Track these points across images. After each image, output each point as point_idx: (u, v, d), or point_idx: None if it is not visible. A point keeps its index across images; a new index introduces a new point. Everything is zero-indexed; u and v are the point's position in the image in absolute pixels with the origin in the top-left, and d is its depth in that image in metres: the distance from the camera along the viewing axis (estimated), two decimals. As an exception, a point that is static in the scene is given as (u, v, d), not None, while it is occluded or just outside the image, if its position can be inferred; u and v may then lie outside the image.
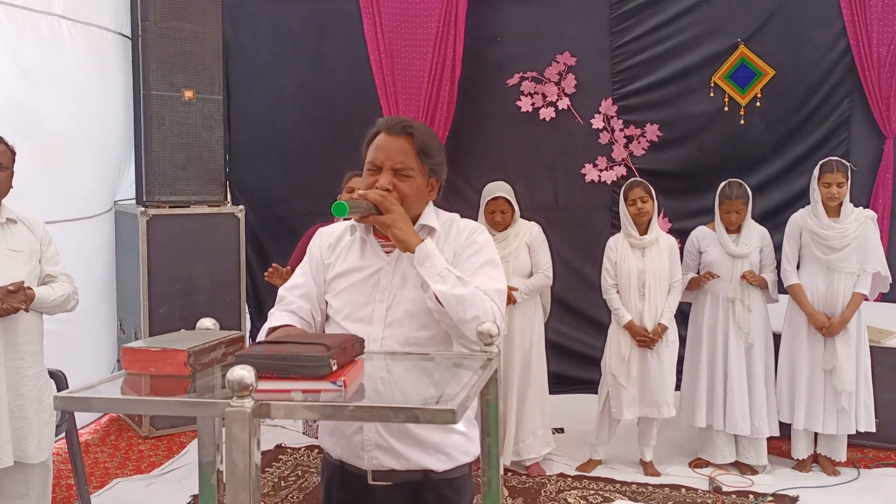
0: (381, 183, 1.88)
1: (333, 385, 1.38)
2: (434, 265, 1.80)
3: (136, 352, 1.51)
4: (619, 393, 4.30)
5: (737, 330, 4.27)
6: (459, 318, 1.78)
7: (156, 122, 4.80)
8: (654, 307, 4.26)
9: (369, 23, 5.58)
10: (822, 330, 4.17)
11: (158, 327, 4.78)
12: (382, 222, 1.82)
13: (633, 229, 4.32)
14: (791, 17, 5.28)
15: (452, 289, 1.79)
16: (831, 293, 4.19)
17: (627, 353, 4.28)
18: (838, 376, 4.14)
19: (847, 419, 4.18)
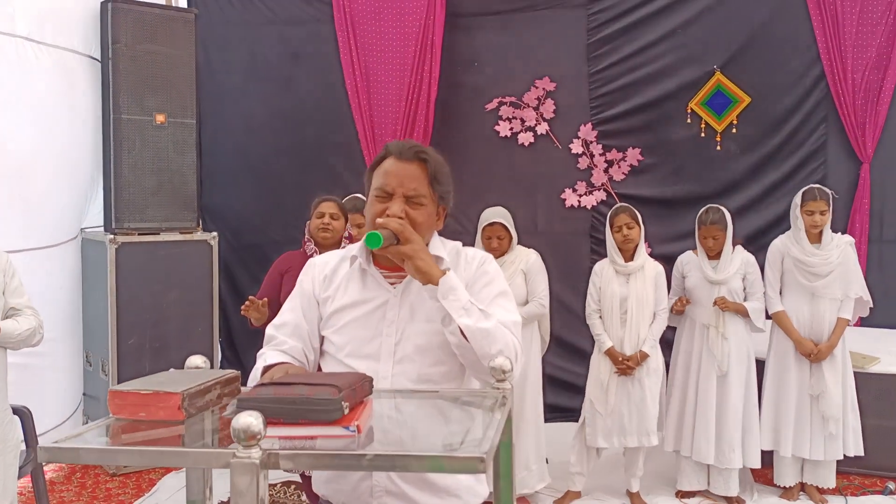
0: (394, 210, 1.78)
1: (346, 430, 1.27)
2: (458, 298, 1.71)
3: (125, 395, 1.38)
4: (594, 420, 4.23)
5: (710, 358, 4.21)
6: (484, 353, 1.69)
7: (126, 147, 4.66)
8: (636, 334, 4.19)
9: (345, 46, 5.51)
10: (809, 356, 4.14)
11: (127, 359, 4.62)
12: (404, 253, 1.71)
13: (618, 255, 4.26)
14: (766, 43, 5.32)
15: (478, 322, 1.70)
16: (817, 319, 4.17)
17: (606, 381, 4.20)
18: (826, 402, 4.11)
19: (835, 445, 4.15)
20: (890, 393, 4.48)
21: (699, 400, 4.21)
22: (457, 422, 1.54)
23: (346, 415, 1.29)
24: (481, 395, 1.63)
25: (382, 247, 1.70)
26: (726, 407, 4.18)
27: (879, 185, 5.24)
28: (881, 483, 4.44)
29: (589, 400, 4.28)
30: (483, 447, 1.21)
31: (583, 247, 5.58)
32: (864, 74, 5.13)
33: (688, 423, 4.25)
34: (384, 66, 5.52)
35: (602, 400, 4.21)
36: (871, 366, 4.49)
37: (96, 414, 4.90)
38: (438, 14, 5.43)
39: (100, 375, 4.74)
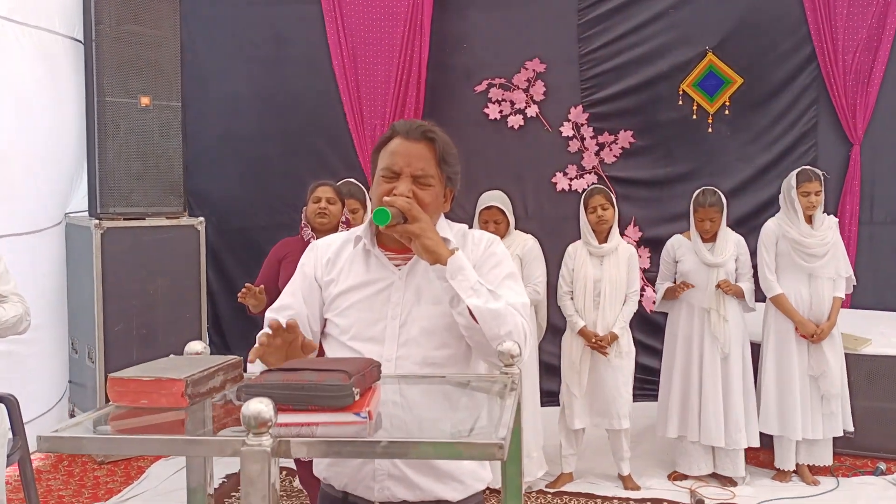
0: (402, 190, 1.73)
1: (357, 417, 1.22)
2: (467, 278, 1.66)
3: (125, 382, 1.33)
4: (571, 402, 4.24)
5: (712, 340, 4.21)
6: (493, 335, 1.64)
7: (110, 130, 4.57)
8: (609, 316, 4.19)
9: (332, 28, 5.42)
10: (811, 337, 4.15)
11: (114, 346, 4.55)
12: (411, 231, 1.66)
13: (591, 237, 4.25)
14: (758, 25, 5.29)
15: (487, 303, 1.65)
16: (816, 300, 4.19)
17: (578, 361, 4.20)
18: (829, 381, 4.15)
19: (834, 423, 4.20)
20: (881, 374, 4.50)
21: (704, 383, 4.21)
22: (466, 407, 1.50)
23: (357, 401, 1.25)
24: (489, 381, 1.59)
25: (389, 225, 1.66)
26: (730, 388, 4.21)
27: (870, 166, 5.25)
28: (872, 464, 4.47)
29: (564, 382, 4.28)
30: (500, 433, 1.17)
31: (573, 231, 5.46)
32: (855, 56, 5.12)
33: (693, 408, 4.23)
34: (372, 47, 5.44)
35: (576, 381, 4.22)
36: (863, 347, 4.51)
37: (82, 401, 4.83)
38: (427, -6, 5.36)
39: (86, 363, 4.67)
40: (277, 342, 1.63)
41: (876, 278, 5.21)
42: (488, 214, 4.12)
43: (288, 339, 1.63)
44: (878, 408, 4.50)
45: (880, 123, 5.21)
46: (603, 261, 4.23)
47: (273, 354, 1.64)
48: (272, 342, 1.62)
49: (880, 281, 5.25)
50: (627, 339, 4.25)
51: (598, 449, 4.50)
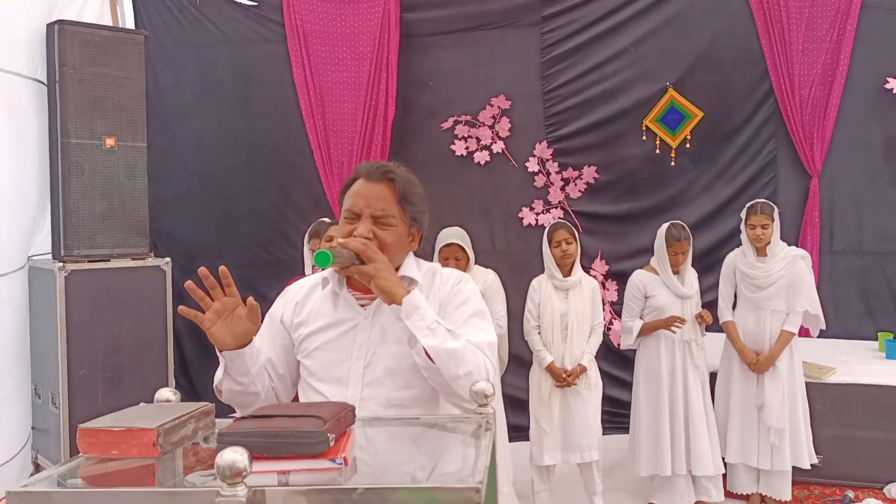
0: (361, 231, 1.75)
1: (333, 463, 1.23)
2: (423, 317, 1.66)
3: (96, 432, 1.32)
4: (540, 437, 4.24)
5: (695, 371, 4.28)
6: (452, 375, 1.65)
7: (75, 172, 4.51)
8: (576, 349, 4.23)
9: (298, 66, 5.45)
10: (750, 366, 4.23)
11: (78, 391, 4.45)
12: (365, 272, 1.68)
13: (556, 271, 4.30)
14: (716, 60, 5.41)
15: (444, 343, 1.65)
16: (759, 330, 4.26)
17: (548, 396, 4.21)
18: (767, 413, 4.20)
19: (781, 456, 4.20)
20: (846, 403, 4.55)
21: (692, 415, 4.24)
22: (440, 449, 1.50)
23: (332, 447, 1.25)
24: (462, 421, 1.59)
25: (344, 266, 1.68)
26: (708, 416, 4.29)
27: (828, 198, 5.37)
28: (840, 492, 4.50)
29: (534, 418, 4.28)
30: (476, 476, 1.18)
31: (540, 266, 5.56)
32: (811, 90, 5.26)
33: (680, 441, 4.25)
34: (339, 85, 5.47)
35: (546, 416, 4.22)
36: (827, 376, 4.57)
37: (46, 448, 4.72)
38: (393, 33, 5.41)
39: (50, 408, 4.57)
40: (215, 305, 1.67)
41: (837, 308, 5.31)
42: (448, 252, 4.14)
43: (226, 301, 1.67)
44: (845, 436, 4.55)
45: (837, 155, 5.33)
46: (568, 294, 4.27)
47: (213, 321, 1.67)
48: (206, 300, 1.66)
49: (842, 310, 5.35)
50: (595, 370, 4.29)
51: (570, 483, 4.49)
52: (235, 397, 1.77)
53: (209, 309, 1.68)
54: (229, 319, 1.69)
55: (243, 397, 1.76)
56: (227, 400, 1.79)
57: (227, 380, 1.74)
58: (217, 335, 1.67)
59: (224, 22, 5.61)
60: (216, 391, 1.81)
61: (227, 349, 1.70)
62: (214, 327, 1.68)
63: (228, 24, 5.62)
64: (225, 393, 1.78)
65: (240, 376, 1.73)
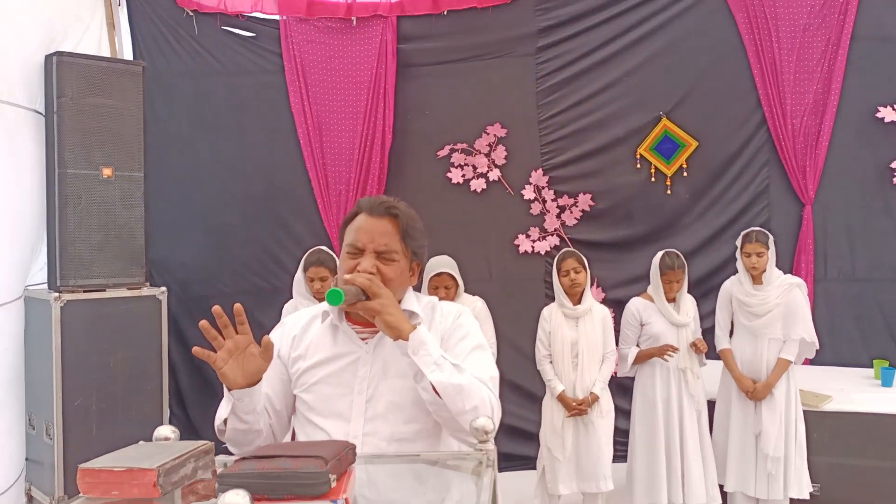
0: (365, 266, 1.76)
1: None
2: (429, 353, 1.67)
3: (97, 473, 1.31)
4: (554, 467, 4.22)
5: (690, 400, 4.27)
6: (458, 410, 1.65)
7: (72, 202, 4.52)
8: (587, 377, 4.22)
9: (296, 96, 5.50)
10: (747, 394, 4.23)
11: (73, 422, 4.43)
12: (371, 308, 1.68)
13: (566, 300, 4.30)
14: (709, 90, 5.46)
15: (450, 378, 1.66)
16: (756, 358, 4.27)
17: (560, 425, 4.20)
18: (764, 441, 4.20)
19: (776, 485, 4.20)
20: (843, 430, 4.55)
21: (685, 443, 4.23)
22: (443, 486, 1.50)
23: (333, 487, 1.25)
24: (464, 458, 1.59)
25: (350, 303, 1.67)
26: (703, 446, 4.27)
27: (822, 225, 5.40)
28: (838, 521, 4.49)
29: (546, 447, 4.26)
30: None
31: (537, 292, 5.59)
32: (803, 119, 5.31)
33: (676, 470, 4.24)
34: (336, 115, 5.51)
35: (559, 446, 4.20)
36: (824, 404, 4.57)
37: (40, 480, 4.68)
38: (390, 63, 5.46)
39: (44, 439, 4.54)
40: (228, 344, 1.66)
41: (832, 335, 5.32)
42: (438, 280, 4.15)
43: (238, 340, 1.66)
44: (842, 464, 4.54)
45: (830, 183, 5.37)
46: (578, 322, 4.27)
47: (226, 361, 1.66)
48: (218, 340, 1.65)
49: (837, 337, 5.36)
50: (607, 398, 4.28)
51: (570, 513, 4.47)
52: (238, 436, 1.75)
53: (221, 348, 1.67)
54: (241, 358, 1.68)
55: (246, 436, 1.75)
56: (229, 439, 1.77)
57: (232, 419, 1.72)
58: (228, 374, 1.66)
59: (221, 52, 5.65)
60: (217, 431, 1.79)
61: (236, 388, 1.68)
62: (226, 367, 1.67)
63: (226, 55, 5.66)
64: (228, 432, 1.75)
65: (245, 415, 1.71)
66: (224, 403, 1.77)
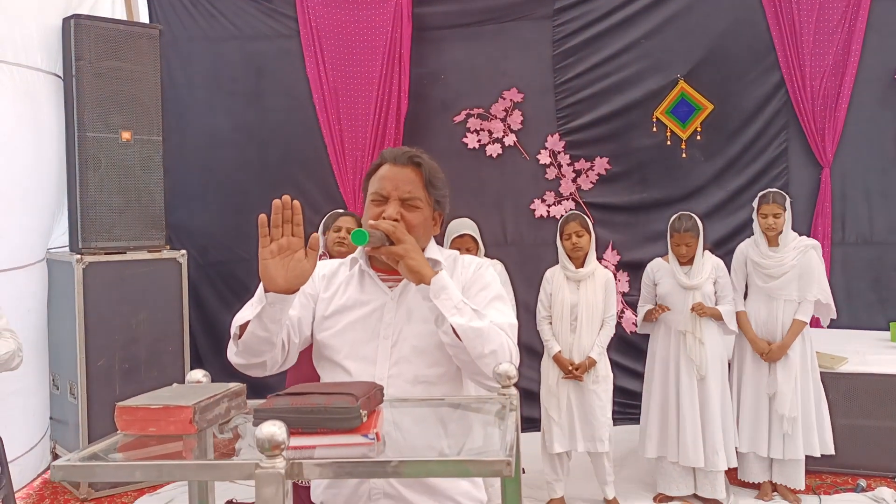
0: (389, 213, 1.79)
1: (365, 438, 1.26)
2: (450, 297, 1.70)
3: (134, 410, 1.35)
4: (550, 426, 4.26)
5: (688, 362, 4.26)
6: (477, 353, 1.68)
7: (91, 165, 4.57)
8: (585, 341, 4.22)
9: (311, 61, 5.50)
10: (762, 355, 4.24)
11: (97, 381, 4.52)
12: (395, 253, 1.71)
13: (568, 262, 4.30)
14: (727, 52, 5.43)
15: (470, 321, 1.69)
16: (771, 320, 4.27)
17: (556, 385, 4.23)
18: (780, 401, 4.21)
19: (793, 444, 4.22)
20: (858, 392, 4.57)
21: (681, 405, 4.24)
22: (467, 428, 1.53)
23: (364, 423, 1.28)
24: (486, 402, 1.63)
25: (374, 247, 1.71)
26: (708, 410, 4.22)
27: (840, 188, 5.38)
28: (853, 481, 4.52)
29: (544, 407, 4.31)
30: (507, 450, 1.21)
31: (552, 257, 5.56)
32: (822, 81, 5.27)
33: (671, 429, 4.27)
34: (352, 80, 5.52)
35: (554, 405, 4.24)
36: (840, 366, 4.58)
37: (64, 438, 4.78)
38: (406, 27, 5.45)
39: (68, 399, 4.63)
40: (281, 241, 1.64)
41: (849, 298, 5.32)
42: (460, 242, 4.16)
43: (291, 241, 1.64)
44: (857, 425, 4.57)
45: (849, 146, 5.35)
46: (580, 285, 4.28)
47: (274, 254, 1.64)
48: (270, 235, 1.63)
49: (853, 300, 5.36)
50: (605, 363, 4.27)
51: (583, 473, 4.52)
52: (253, 344, 1.71)
53: (272, 241, 1.64)
54: (287, 260, 1.64)
55: (260, 346, 1.72)
56: (243, 344, 1.72)
57: (255, 323, 1.68)
58: (271, 271, 1.63)
59: (237, 17, 5.65)
60: (232, 336, 1.75)
61: (274, 290, 1.65)
62: (272, 261, 1.63)
63: (242, 19, 5.66)
64: (245, 336, 1.71)
65: (271, 322, 1.68)
66: (249, 307, 1.74)
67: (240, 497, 4.48)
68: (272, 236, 1.64)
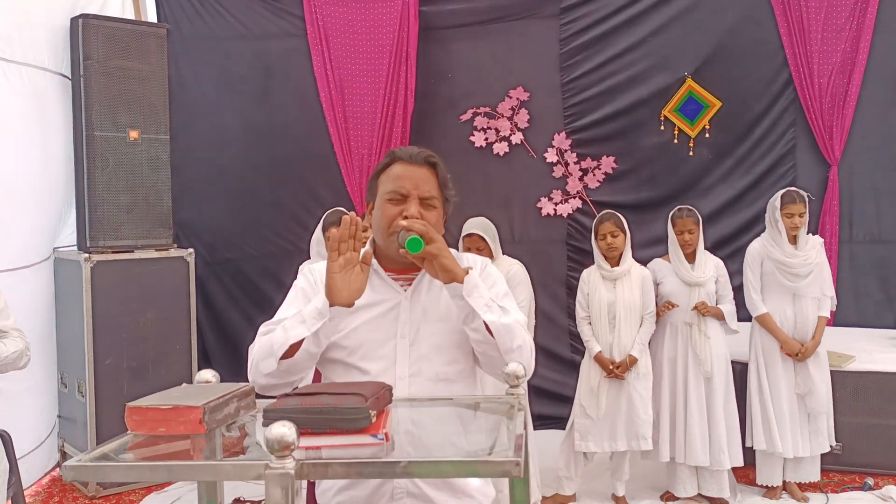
0: (412, 212, 1.80)
1: (374, 439, 1.26)
2: (482, 295, 1.73)
3: (144, 410, 1.36)
4: (584, 425, 4.24)
5: (695, 360, 4.25)
6: (507, 349, 1.72)
7: (99, 164, 4.59)
8: (624, 339, 4.22)
9: (318, 60, 5.50)
10: (796, 356, 4.21)
11: (105, 380, 4.53)
12: (430, 252, 1.72)
13: (603, 262, 4.30)
14: (735, 50, 5.41)
15: (500, 318, 1.73)
16: (801, 319, 4.24)
17: (597, 386, 4.23)
18: (816, 399, 4.20)
19: (820, 439, 4.24)
20: (866, 390, 4.56)
21: (689, 404, 4.24)
22: (476, 428, 1.54)
23: (374, 423, 1.29)
24: (495, 401, 1.63)
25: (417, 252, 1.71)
26: (713, 408, 4.23)
27: (848, 186, 5.36)
28: (860, 479, 4.51)
29: (580, 405, 4.29)
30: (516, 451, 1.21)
31: (560, 255, 5.62)
32: (830, 79, 5.25)
33: (679, 429, 4.26)
34: (359, 78, 5.52)
35: (594, 405, 4.23)
36: (847, 364, 4.58)
37: (72, 436, 4.80)
38: (412, 26, 5.45)
39: (76, 397, 4.65)
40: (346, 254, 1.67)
41: (856, 296, 5.31)
42: (469, 242, 4.15)
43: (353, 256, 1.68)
44: (865, 423, 4.56)
45: (857, 144, 5.33)
46: (616, 284, 4.27)
47: (342, 268, 1.67)
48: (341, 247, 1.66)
49: (861, 298, 5.35)
50: (646, 360, 4.25)
51: (592, 470, 4.52)
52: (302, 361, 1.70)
53: (340, 255, 1.67)
54: (349, 274, 1.68)
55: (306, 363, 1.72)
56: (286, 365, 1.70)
57: (311, 340, 1.68)
58: (339, 284, 1.66)
59: (245, 15, 5.66)
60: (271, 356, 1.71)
61: (339, 303, 1.68)
62: (339, 276, 1.67)
63: (249, 18, 5.67)
64: (299, 354, 1.69)
65: (325, 338, 1.71)
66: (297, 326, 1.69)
67: (247, 495, 4.49)
68: (340, 250, 1.68)
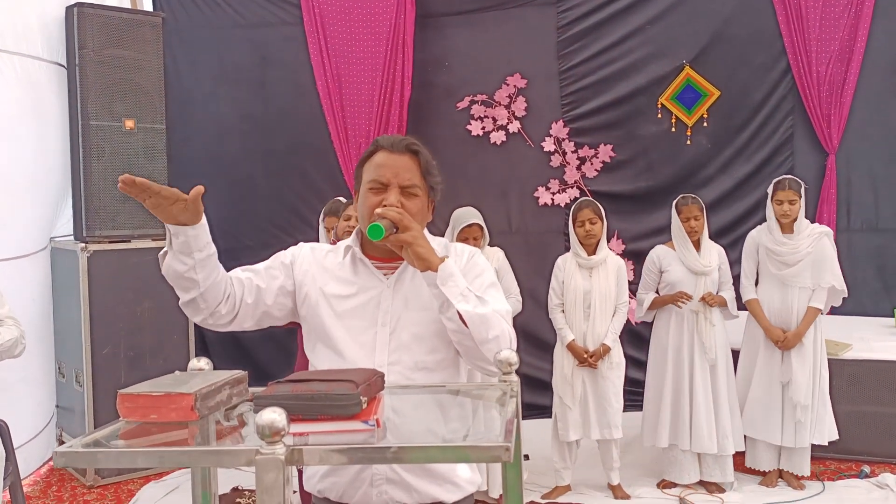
0: (391, 200, 1.79)
1: (366, 425, 1.26)
2: (457, 284, 1.71)
3: (135, 397, 1.35)
4: (564, 414, 4.26)
5: (701, 348, 4.26)
6: (482, 339, 1.70)
7: (95, 154, 4.58)
8: (598, 328, 4.22)
9: (315, 48, 5.48)
10: (777, 343, 4.22)
11: (102, 369, 4.54)
12: (404, 240, 1.71)
13: (580, 250, 4.29)
14: (733, 38, 5.40)
15: (476, 308, 1.71)
16: (785, 307, 4.25)
17: (570, 374, 4.24)
18: (794, 389, 4.20)
19: (804, 432, 4.22)
20: (862, 379, 4.58)
21: (695, 391, 4.24)
22: (467, 414, 1.54)
23: (364, 409, 1.29)
24: (486, 388, 1.63)
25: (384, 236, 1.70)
26: (717, 395, 4.25)
27: (845, 175, 5.36)
28: (856, 467, 4.54)
29: (557, 395, 4.31)
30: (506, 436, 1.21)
31: (557, 244, 5.60)
32: (828, 67, 5.24)
33: (684, 416, 4.26)
34: (356, 67, 5.50)
35: (569, 393, 4.24)
36: (844, 352, 4.58)
37: (70, 426, 4.81)
38: (409, 13, 5.43)
39: (73, 387, 4.65)
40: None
41: (854, 285, 5.26)
42: (469, 231, 4.14)
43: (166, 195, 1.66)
44: (861, 411, 4.58)
45: (854, 133, 5.32)
46: (592, 273, 4.27)
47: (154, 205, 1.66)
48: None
49: (858, 287, 5.33)
50: (618, 350, 4.27)
51: (587, 459, 4.53)
52: (173, 276, 1.75)
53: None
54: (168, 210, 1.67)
55: (180, 280, 1.75)
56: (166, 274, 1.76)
57: (170, 255, 1.73)
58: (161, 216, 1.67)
59: (241, 4, 5.64)
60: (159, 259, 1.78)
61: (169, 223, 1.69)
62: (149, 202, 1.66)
63: (245, 7, 5.65)
64: (164, 268, 1.75)
65: (182, 256, 1.72)
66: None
67: (245, 484, 4.51)
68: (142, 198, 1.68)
